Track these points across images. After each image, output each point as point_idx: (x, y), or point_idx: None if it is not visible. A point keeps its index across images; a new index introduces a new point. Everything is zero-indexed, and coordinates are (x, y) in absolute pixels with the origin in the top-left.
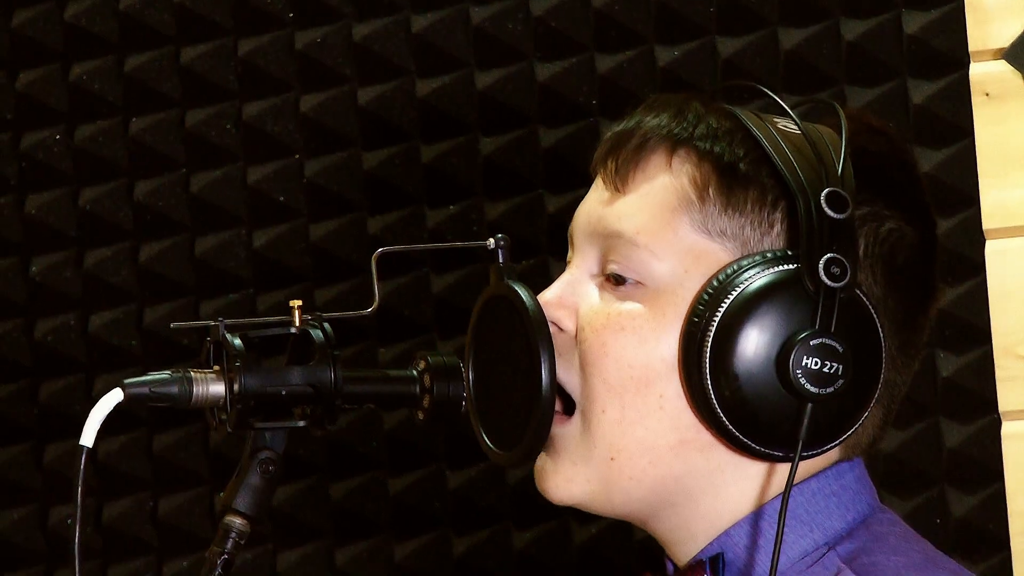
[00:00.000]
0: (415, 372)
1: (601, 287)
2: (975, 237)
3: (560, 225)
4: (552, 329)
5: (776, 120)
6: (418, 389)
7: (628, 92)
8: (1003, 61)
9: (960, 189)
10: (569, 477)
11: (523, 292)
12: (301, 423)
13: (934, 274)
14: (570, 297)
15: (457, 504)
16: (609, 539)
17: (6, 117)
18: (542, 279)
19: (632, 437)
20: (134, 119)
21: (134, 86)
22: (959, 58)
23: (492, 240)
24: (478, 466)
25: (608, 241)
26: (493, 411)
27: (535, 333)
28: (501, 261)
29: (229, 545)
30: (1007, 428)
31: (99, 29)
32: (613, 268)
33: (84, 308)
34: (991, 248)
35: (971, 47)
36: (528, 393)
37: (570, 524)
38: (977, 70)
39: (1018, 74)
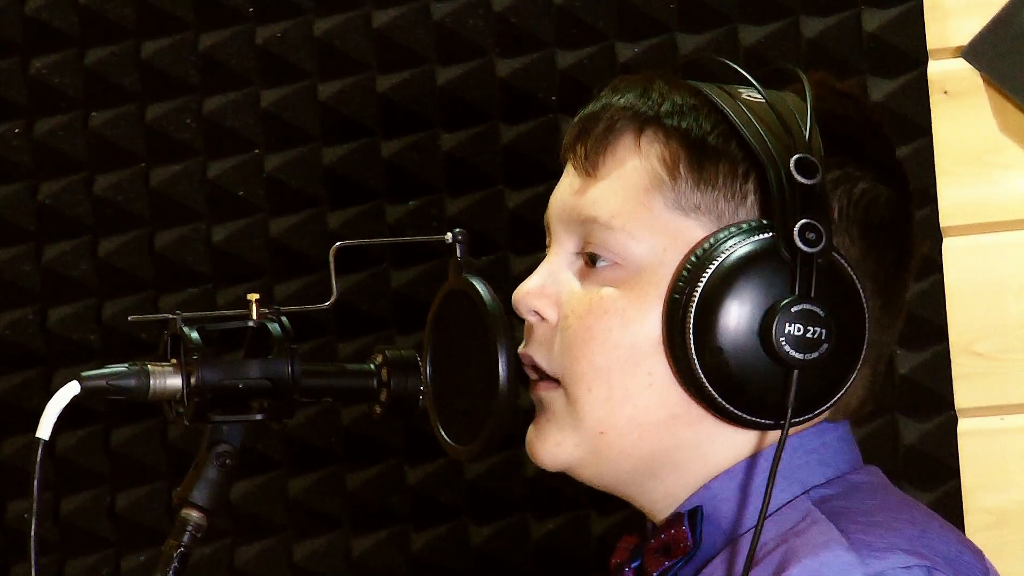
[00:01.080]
0: (373, 366)
1: (581, 273)
2: (933, 235)
3: (520, 221)
4: (534, 319)
5: (741, 91)
6: (376, 383)
7: (589, 88)
8: (962, 59)
9: (918, 187)
10: (557, 441)
11: (481, 286)
12: (259, 416)
13: (912, 230)
14: (551, 286)
15: (415, 499)
16: (567, 535)
17: None
18: (502, 275)
19: (622, 414)
20: (94, 113)
21: (94, 80)
22: (918, 56)
23: (450, 235)
24: (436, 462)
25: (584, 227)
26: (450, 405)
27: (493, 327)
28: (459, 256)
29: (186, 539)
30: (963, 425)
31: (59, 23)
32: (592, 252)
33: (43, 302)
34: (949, 246)
35: (930, 45)
36: (486, 387)
37: (528, 520)
38: (936, 68)
39: (977, 72)
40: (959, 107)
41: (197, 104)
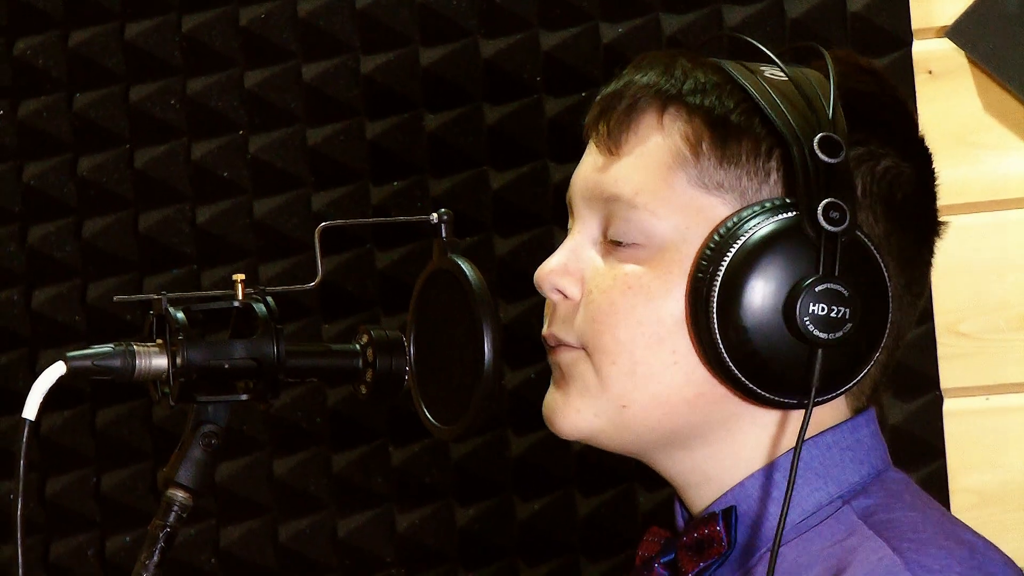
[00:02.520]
0: (358, 347)
1: (604, 251)
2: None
3: (504, 201)
4: (557, 297)
5: (763, 69)
6: (361, 363)
7: (572, 69)
8: (946, 39)
9: None
10: (578, 408)
11: (466, 266)
12: (244, 397)
13: (935, 208)
14: (575, 264)
15: (400, 480)
16: (552, 515)
17: None
18: (487, 255)
19: (646, 391)
20: (78, 94)
21: (78, 61)
22: (902, 36)
23: (435, 215)
24: (421, 442)
25: (607, 205)
26: (435, 385)
27: (478, 307)
28: (444, 236)
29: (172, 518)
30: (949, 405)
31: (43, 4)
32: (615, 231)
33: (27, 283)
34: None
35: (914, 25)
36: (471, 367)
37: (513, 501)
38: (920, 48)
39: (961, 52)
40: (943, 87)
41: (181, 85)
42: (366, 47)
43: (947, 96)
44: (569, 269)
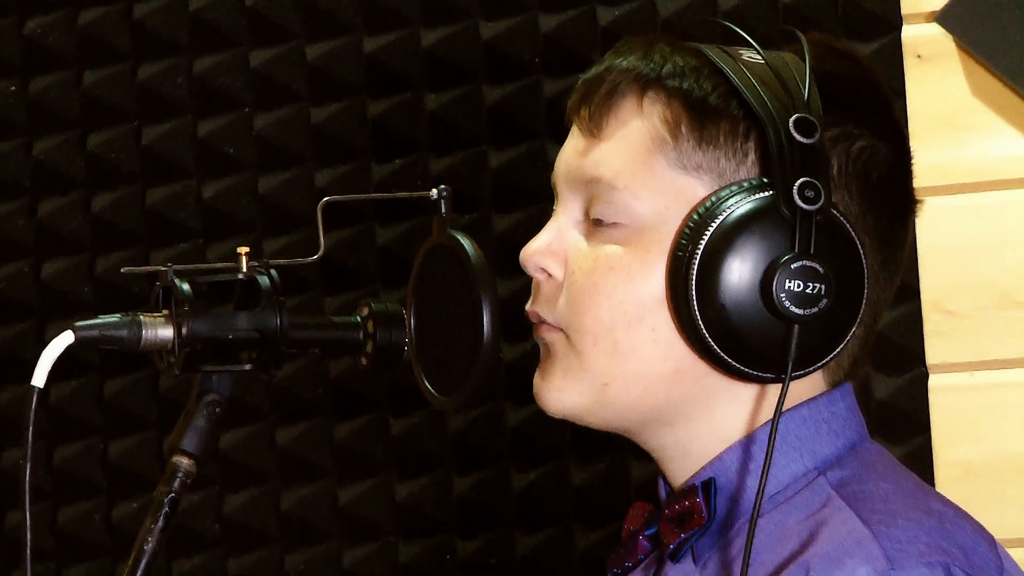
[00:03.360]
0: (359, 319)
1: (587, 232)
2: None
3: (503, 180)
4: (541, 276)
5: (741, 52)
6: (361, 335)
7: (570, 51)
8: (935, 24)
9: None
10: (561, 387)
11: (465, 241)
12: (247, 367)
13: (910, 187)
14: (558, 244)
15: (400, 450)
16: (547, 485)
17: None
18: (485, 232)
19: (626, 368)
20: (87, 72)
21: (87, 40)
22: (892, 21)
23: (435, 191)
24: (420, 413)
25: (589, 187)
26: (434, 357)
27: (477, 281)
28: (444, 212)
29: (176, 485)
30: (934, 381)
31: None
32: (597, 212)
33: (37, 256)
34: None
35: (904, 10)
36: (470, 340)
37: (509, 470)
38: (909, 32)
39: (950, 36)
40: (932, 71)
41: (188, 64)
42: (369, 28)
43: (935, 80)
44: (553, 249)
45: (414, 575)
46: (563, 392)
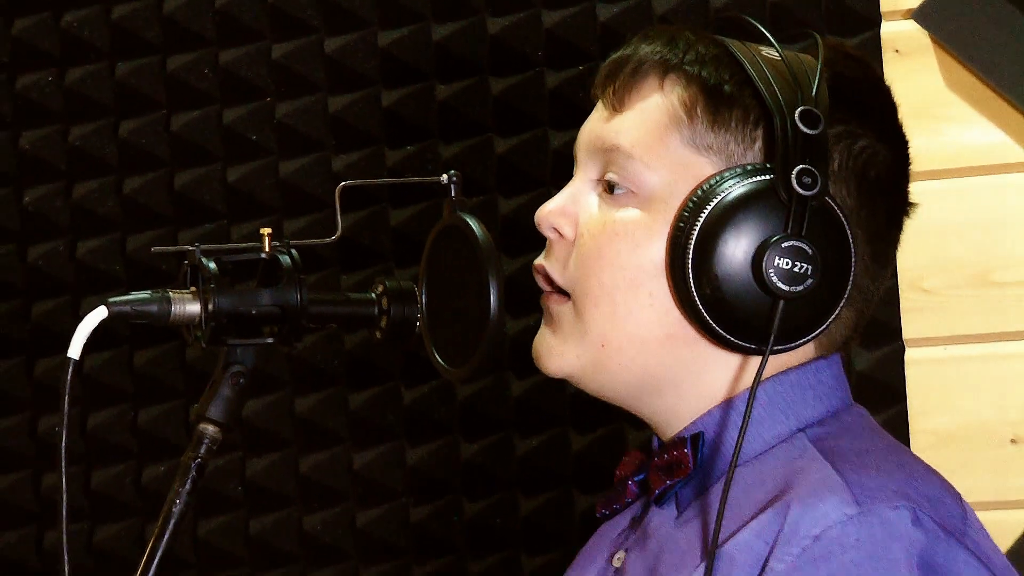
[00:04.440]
0: (373, 295)
1: (600, 197)
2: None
3: (508, 164)
4: (553, 235)
5: (760, 48)
6: (376, 311)
7: (571, 45)
8: (912, 21)
9: None
10: (562, 352)
11: (473, 222)
12: (269, 340)
13: (906, 190)
14: (571, 207)
15: (411, 417)
16: (548, 450)
17: (2, 60)
18: (491, 214)
19: (623, 330)
20: (120, 64)
21: (120, 33)
22: (872, 17)
23: (445, 176)
24: (431, 383)
25: (607, 155)
26: (444, 331)
27: (485, 259)
28: (453, 195)
29: (203, 450)
30: (910, 354)
31: None
32: (611, 178)
33: (72, 235)
34: None
35: (883, 7)
36: (478, 315)
37: (513, 437)
38: (888, 29)
39: (926, 33)
40: (909, 65)
41: (214, 56)
42: (383, 23)
43: (912, 73)
44: (566, 211)
45: (424, 534)
46: (563, 356)
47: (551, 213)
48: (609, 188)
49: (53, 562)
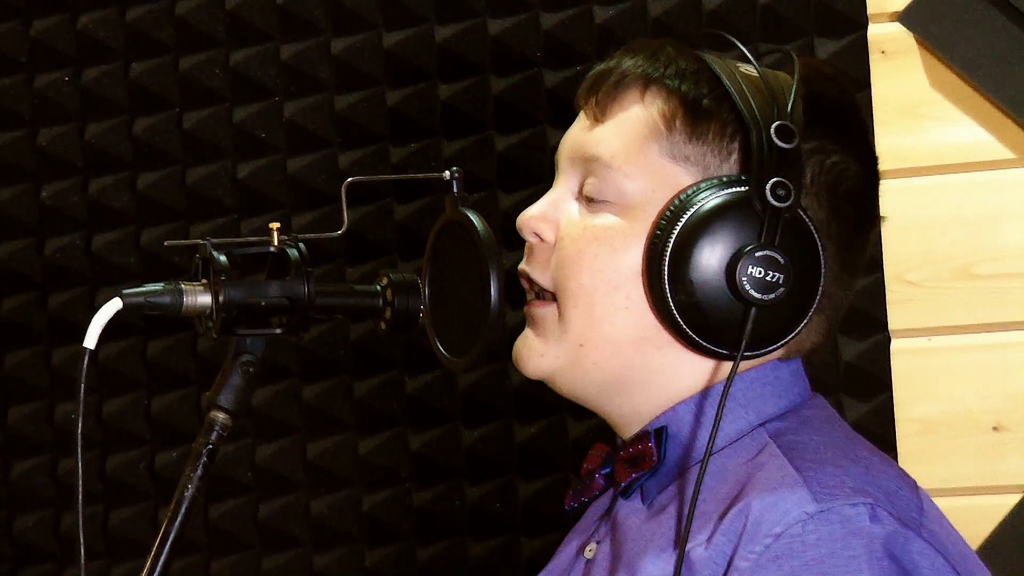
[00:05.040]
0: (378, 287)
1: (580, 204)
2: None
3: (508, 162)
4: (534, 239)
5: (738, 64)
6: (381, 302)
7: (569, 46)
8: (898, 23)
9: None
10: (542, 353)
11: (475, 218)
12: (278, 331)
13: (875, 204)
14: (553, 212)
15: (414, 405)
16: (546, 437)
17: (20, 60)
18: (492, 209)
19: (599, 331)
20: (134, 64)
21: (134, 34)
22: (859, 20)
23: (448, 172)
24: (433, 372)
25: (587, 164)
26: (446, 322)
27: (486, 253)
28: (456, 191)
29: (214, 437)
30: (896, 345)
31: None
32: (591, 186)
33: (88, 229)
34: (885, 187)
35: (869, 10)
36: (478, 306)
37: (512, 424)
38: (874, 31)
39: (911, 34)
40: (895, 65)
41: (225, 57)
42: (388, 25)
43: (898, 74)
44: (547, 216)
45: (426, 518)
46: (543, 357)
47: (533, 219)
48: (590, 196)
49: (70, 544)
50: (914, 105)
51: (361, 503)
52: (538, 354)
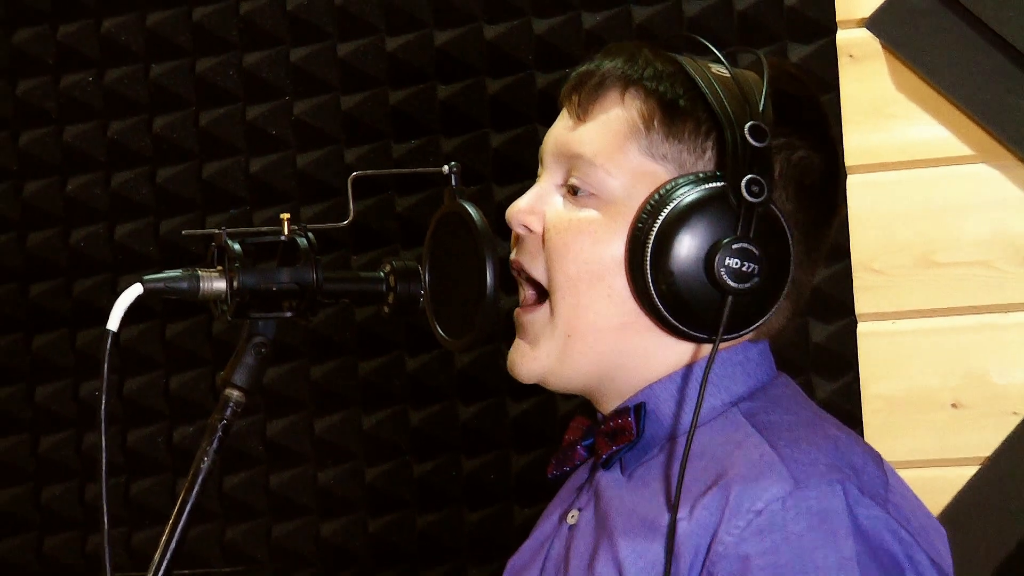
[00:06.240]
0: (382, 274)
1: (565, 198)
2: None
3: (502, 157)
4: (523, 231)
5: (711, 66)
6: (384, 288)
7: (559, 50)
8: (865, 29)
9: None
10: (535, 356)
11: (472, 209)
12: (288, 314)
13: (837, 194)
14: (539, 205)
15: (414, 384)
16: (537, 413)
17: (47, 62)
18: (488, 201)
19: (584, 319)
20: (153, 65)
21: (154, 38)
22: (828, 26)
23: (446, 167)
24: (432, 353)
25: (571, 161)
26: (445, 306)
27: (482, 242)
28: (454, 184)
29: (228, 413)
30: (862, 328)
31: None
32: (574, 182)
33: (111, 220)
34: (852, 181)
35: (838, 17)
36: (475, 291)
37: (506, 401)
38: (843, 36)
39: (877, 40)
40: (862, 68)
41: (238, 59)
42: (390, 30)
43: (865, 76)
44: (534, 209)
45: (426, 488)
46: (536, 361)
47: (520, 212)
48: (573, 191)
49: (93, 512)
50: (880, 105)
51: (365, 474)
52: (531, 358)
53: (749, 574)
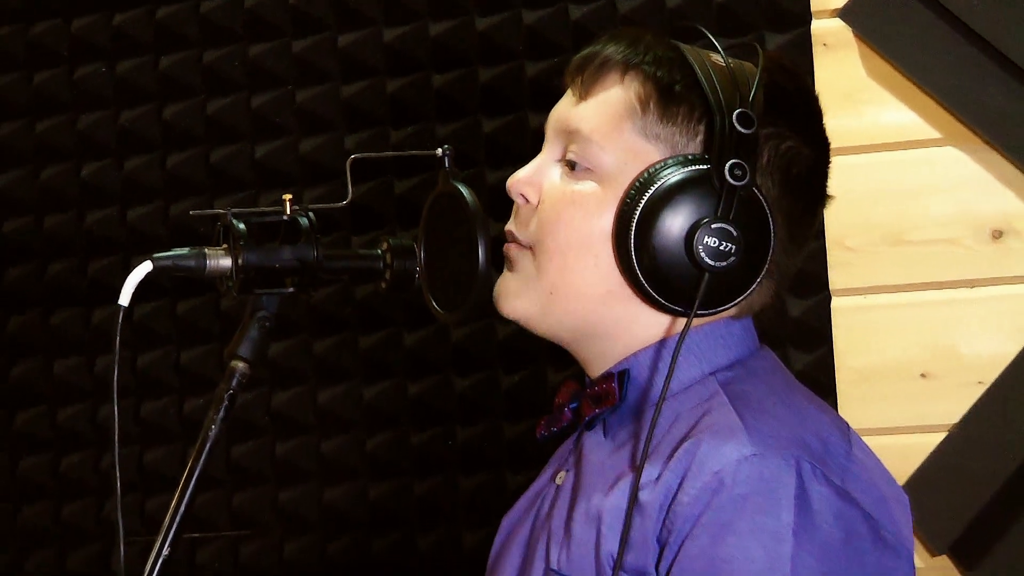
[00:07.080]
0: (379, 252)
1: (562, 171)
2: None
3: (493, 142)
4: (521, 200)
5: (710, 54)
6: (381, 265)
7: (547, 39)
8: (839, 19)
9: None
10: (518, 294)
11: (464, 189)
12: (291, 290)
13: (824, 185)
14: (537, 176)
15: (411, 357)
16: (528, 385)
17: (62, 54)
18: (480, 183)
19: (569, 283)
20: (163, 57)
21: (163, 30)
22: (803, 15)
23: (440, 150)
24: (428, 327)
25: (570, 136)
26: (440, 282)
27: (474, 221)
28: (447, 167)
29: (234, 384)
30: (836, 303)
31: None
32: (571, 156)
33: (123, 203)
34: None
35: (813, 7)
36: (468, 268)
37: (499, 373)
38: (817, 26)
39: (850, 29)
40: (836, 56)
41: (243, 50)
42: (387, 21)
43: (838, 64)
44: (532, 180)
45: (423, 456)
46: (519, 299)
47: (519, 181)
48: (570, 164)
49: (108, 480)
50: (852, 91)
51: (365, 443)
52: (515, 296)
53: (695, 530)
